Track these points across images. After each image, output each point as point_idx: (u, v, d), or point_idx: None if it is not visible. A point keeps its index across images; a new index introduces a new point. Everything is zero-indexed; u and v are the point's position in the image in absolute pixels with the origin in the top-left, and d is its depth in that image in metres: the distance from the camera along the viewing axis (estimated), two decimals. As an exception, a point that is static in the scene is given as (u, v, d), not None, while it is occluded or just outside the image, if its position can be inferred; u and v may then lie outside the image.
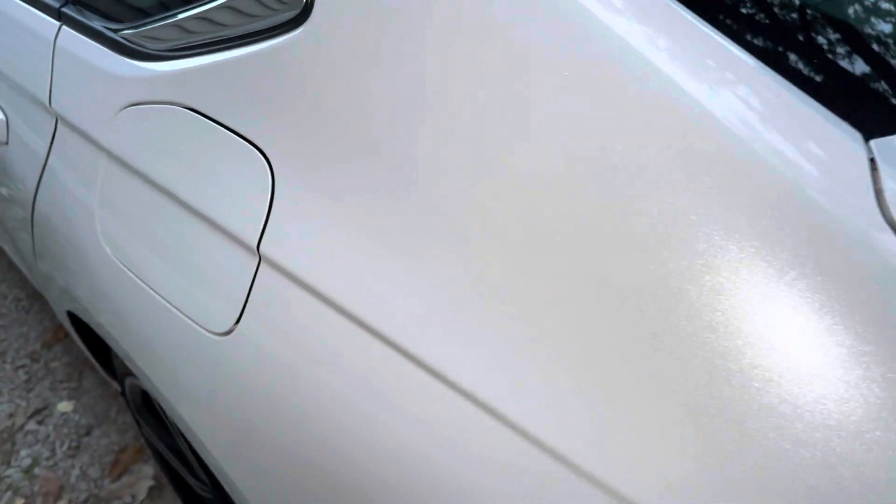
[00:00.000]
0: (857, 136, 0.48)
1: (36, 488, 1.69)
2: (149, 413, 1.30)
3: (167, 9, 0.82)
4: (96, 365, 1.40)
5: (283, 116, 0.70)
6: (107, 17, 0.91)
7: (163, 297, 0.81)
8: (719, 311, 0.47)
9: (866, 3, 0.61)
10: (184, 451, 1.16)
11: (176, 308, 0.80)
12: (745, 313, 0.46)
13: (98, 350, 1.33)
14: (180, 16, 0.80)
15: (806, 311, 0.45)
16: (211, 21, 0.77)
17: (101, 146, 0.88)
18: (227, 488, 0.89)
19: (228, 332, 0.75)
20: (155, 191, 0.82)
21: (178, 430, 1.05)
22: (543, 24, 0.54)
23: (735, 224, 0.47)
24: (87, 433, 1.80)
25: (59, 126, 0.96)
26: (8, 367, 1.97)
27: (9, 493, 1.69)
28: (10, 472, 1.73)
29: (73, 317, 1.21)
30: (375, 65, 0.62)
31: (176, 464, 1.31)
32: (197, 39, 0.78)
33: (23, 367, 1.97)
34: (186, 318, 0.79)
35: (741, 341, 0.46)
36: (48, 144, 0.98)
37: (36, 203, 1.04)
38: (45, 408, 1.86)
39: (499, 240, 0.56)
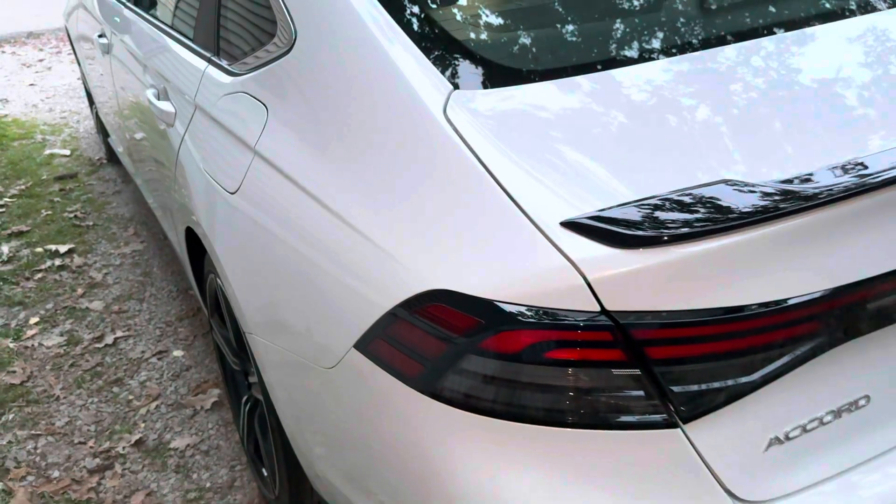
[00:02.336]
0: (449, 85, 1.16)
1: (143, 392, 2.45)
2: (218, 315, 2.04)
3: (252, 50, 1.65)
4: (191, 277, 2.17)
5: (277, 91, 1.46)
6: (228, 59, 1.75)
7: (212, 177, 1.59)
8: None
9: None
10: (225, 316, 1.87)
11: (216, 181, 1.56)
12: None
13: (197, 272, 2.11)
14: (251, 55, 1.62)
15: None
16: (266, 50, 1.56)
17: (210, 116, 1.70)
18: (235, 311, 1.58)
19: (235, 192, 1.49)
20: (219, 128, 1.61)
21: (223, 292, 1.77)
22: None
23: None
24: (187, 370, 2.56)
25: (196, 111, 1.81)
26: (151, 326, 2.81)
27: (125, 392, 2.46)
28: (131, 382, 2.51)
29: (188, 239, 2.01)
30: (324, 70, 1.36)
31: (225, 350, 2.02)
32: (255, 64, 1.58)
33: (159, 328, 2.80)
34: (218, 185, 1.55)
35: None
36: (188, 121, 1.83)
37: (178, 154, 1.89)
38: (164, 351, 2.66)
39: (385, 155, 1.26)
